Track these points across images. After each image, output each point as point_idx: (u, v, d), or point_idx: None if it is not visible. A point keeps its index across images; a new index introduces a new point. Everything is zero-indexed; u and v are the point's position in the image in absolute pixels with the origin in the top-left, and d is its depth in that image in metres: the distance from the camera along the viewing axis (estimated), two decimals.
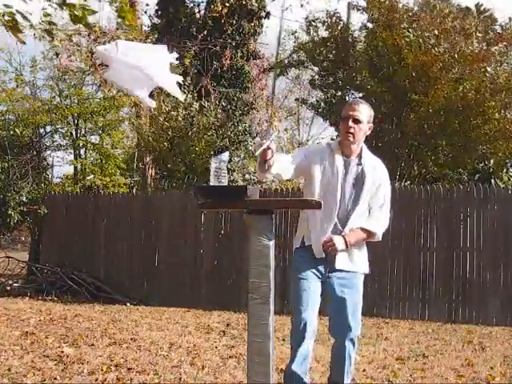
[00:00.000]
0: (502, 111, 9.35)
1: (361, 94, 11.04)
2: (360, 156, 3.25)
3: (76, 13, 3.88)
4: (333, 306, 3.21)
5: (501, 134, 9.35)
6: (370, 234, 3.19)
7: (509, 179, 11.53)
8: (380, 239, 3.26)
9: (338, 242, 3.09)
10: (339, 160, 3.20)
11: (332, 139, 11.34)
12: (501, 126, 9.19)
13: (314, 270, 3.16)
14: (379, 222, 3.23)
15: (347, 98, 10.86)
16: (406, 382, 4.29)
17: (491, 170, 11.54)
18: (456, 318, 7.50)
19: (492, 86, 9.27)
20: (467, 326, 7.02)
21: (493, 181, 11.00)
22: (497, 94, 9.27)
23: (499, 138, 9.52)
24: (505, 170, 11.87)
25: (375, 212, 3.23)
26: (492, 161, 11.24)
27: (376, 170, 3.26)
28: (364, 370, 4.55)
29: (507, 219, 7.50)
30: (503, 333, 6.65)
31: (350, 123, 3.17)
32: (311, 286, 3.13)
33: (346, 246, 3.12)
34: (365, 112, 3.21)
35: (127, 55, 3.14)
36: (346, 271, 3.17)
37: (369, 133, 3.26)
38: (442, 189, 7.98)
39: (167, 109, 10.51)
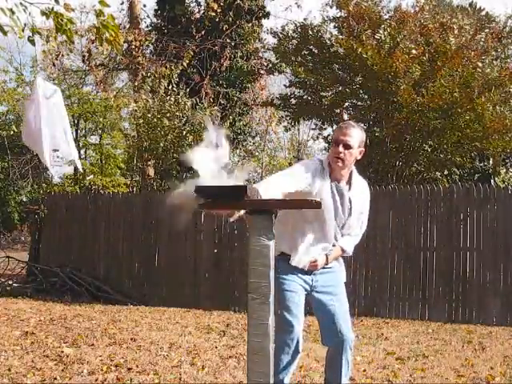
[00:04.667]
0: (497, 107, 9.32)
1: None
2: (350, 182, 3.20)
3: (62, 23, 3.89)
4: (322, 315, 3.20)
5: (493, 130, 9.32)
6: (345, 251, 3.27)
7: (508, 176, 11.54)
8: (350, 254, 3.34)
9: (320, 261, 3.16)
10: (330, 184, 3.14)
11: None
12: (494, 122, 9.15)
13: (300, 282, 3.15)
14: (355, 242, 3.31)
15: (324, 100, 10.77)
16: (406, 382, 4.29)
17: (490, 169, 11.54)
18: (456, 318, 7.49)
19: (482, 81, 9.22)
20: (467, 326, 7.02)
21: (492, 181, 11.02)
22: (488, 90, 9.23)
23: (493, 134, 9.49)
24: (504, 170, 11.88)
25: (353, 233, 3.27)
26: (491, 160, 11.24)
27: (363, 196, 3.25)
28: (364, 370, 4.55)
29: (507, 219, 7.50)
30: (503, 333, 6.65)
31: (341, 148, 3.09)
32: (300, 300, 3.13)
33: (326, 264, 3.20)
34: (356, 137, 3.12)
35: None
36: (328, 269, 3.21)
37: (359, 157, 3.19)
38: (442, 189, 7.98)
39: (154, 106, 10.47)
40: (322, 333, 3.25)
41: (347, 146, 3.10)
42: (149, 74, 11.46)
